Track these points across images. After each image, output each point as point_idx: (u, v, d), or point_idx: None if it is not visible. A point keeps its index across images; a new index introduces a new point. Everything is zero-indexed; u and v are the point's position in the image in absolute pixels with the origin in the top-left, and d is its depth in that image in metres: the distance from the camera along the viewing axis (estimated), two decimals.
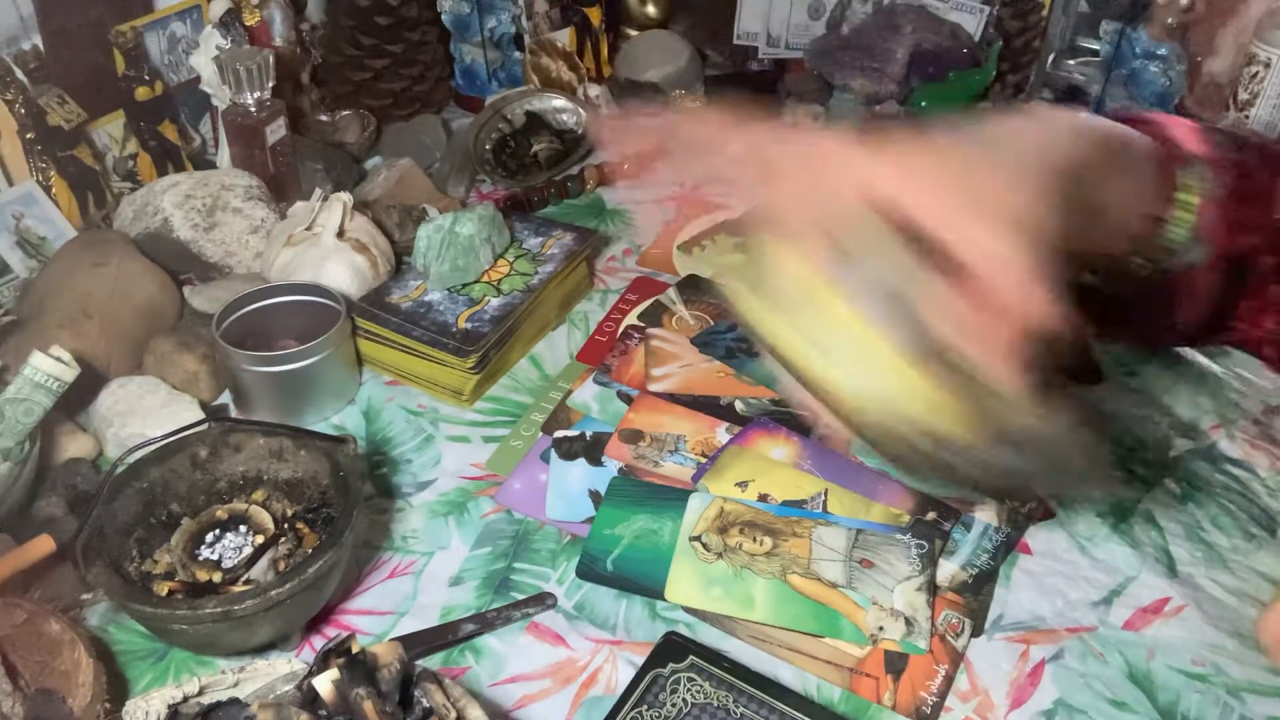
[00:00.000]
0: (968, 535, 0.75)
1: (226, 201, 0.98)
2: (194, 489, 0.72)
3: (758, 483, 0.79)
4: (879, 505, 0.77)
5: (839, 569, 0.72)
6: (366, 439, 0.86)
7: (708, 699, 0.61)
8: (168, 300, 0.93)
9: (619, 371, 0.91)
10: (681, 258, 1.08)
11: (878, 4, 1.39)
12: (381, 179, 1.10)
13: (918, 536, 0.74)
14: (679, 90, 1.37)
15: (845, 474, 0.80)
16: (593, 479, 0.80)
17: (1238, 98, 1.12)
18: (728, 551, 0.73)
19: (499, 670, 0.67)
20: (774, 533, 0.74)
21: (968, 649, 0.68)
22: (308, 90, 1.25)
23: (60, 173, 0.98)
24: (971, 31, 1.33)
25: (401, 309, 0.90)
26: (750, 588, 0.71)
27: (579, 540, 0.76)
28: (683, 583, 0.71)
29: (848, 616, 0.69)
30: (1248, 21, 1.16)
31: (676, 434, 0.83)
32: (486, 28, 1.32)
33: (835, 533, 0.74)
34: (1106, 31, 1.24)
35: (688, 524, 0.75)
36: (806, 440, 0.83)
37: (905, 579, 0.71)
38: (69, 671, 0.61)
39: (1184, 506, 0.78)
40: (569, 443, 0.83)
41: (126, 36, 1.02)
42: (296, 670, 0.58)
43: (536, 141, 1.24)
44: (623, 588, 0.72)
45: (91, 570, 0.63)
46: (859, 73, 1.36)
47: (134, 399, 0.82)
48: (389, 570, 0.74)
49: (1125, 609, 0.71)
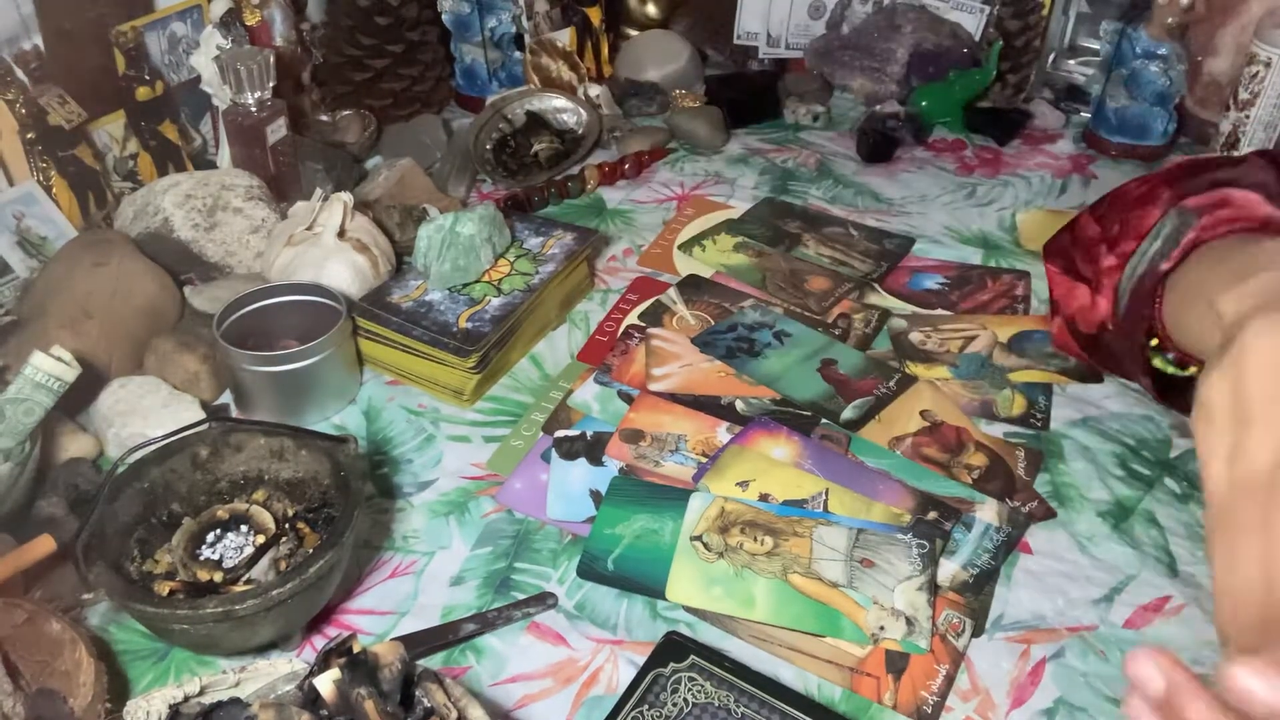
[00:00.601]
0: (969, 535, 0.75)
1: (227, 201, 0.98)
2: (195, 489, 0.72)
3: (758, 482, 0.79)
4: (880, 505, 0.77)
5: (840, 569, 0.72)
6: (367, 439, 0.86)
7: (709, 699, 0.61)
8: (168, 300, 0.93)
9: (620, 371, 0.91)
10: (682, 258, 1.08)
11: (878, 4, 1.39)
12: (382, 179, 1.10)
13: (919, 536, 0.74)
14: (679, 90, 1.37)
15: (846, 474, 0.80)
16: (594, 479, 0.80)
17: (1238, 97, 1.12)
18: (729, 551, 0.73)
19: (500, 670, 0.67)
20: (775, 532, 0.74)
21: (968, 648, 0.68)
22: (308, 90, 1.25)
23: (61, 172, 0.98)
24: (971, 31, 1.33)
25: (402, 309, 0.90)
26: (751, 587, 0.71)
27: (579, 540, 0.76)
28: (684, 582, 0.71)
29: (849, 616, 0.69)
30: (1248, 21, 1.16)
31: (677, 434, 0.83)
32: (487, 28, 1.32)
33: (836, 532, 0.74)
34: (1106, 31, 1.24)
35: (689, 523, 0.75)
36: (807, 440, 0.83)
37: (906, 578, 0.71)
38: (70, 671, 0.61)
39: (1184, 506, 0.78)
40: (569, 442, 0.83)
41: (127, 36, 1.02)
42: (297, 670, 0.58)
43: (537, 141, 1.24)
44: (623, 587, 0.72)
45: (92, 570, 0.63)
46: (859, 72, 1.36)
47: (135, 399, 0.82)
48: (390, 570, 0.74)
49: (1126, 608, 0.71)
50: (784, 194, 1.19)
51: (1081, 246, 0.73)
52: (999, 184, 1.21)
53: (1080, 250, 0.73)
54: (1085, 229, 0.74)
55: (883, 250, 1.08)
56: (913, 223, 1.14)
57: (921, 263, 1.07)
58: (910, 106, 1.30)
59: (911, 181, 1.22)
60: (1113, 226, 0.68)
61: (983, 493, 0.79)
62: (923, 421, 0.85)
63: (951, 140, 1.30)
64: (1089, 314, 0.70)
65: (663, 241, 1.11)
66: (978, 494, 0.79)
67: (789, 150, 1.29)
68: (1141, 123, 1.22)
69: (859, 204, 1.18)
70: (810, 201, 1.18)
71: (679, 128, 1.30)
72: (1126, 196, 0.69)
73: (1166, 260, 0.57)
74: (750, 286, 1.02)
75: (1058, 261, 0.76)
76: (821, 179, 1.23)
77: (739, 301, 0.99)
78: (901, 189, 1.20)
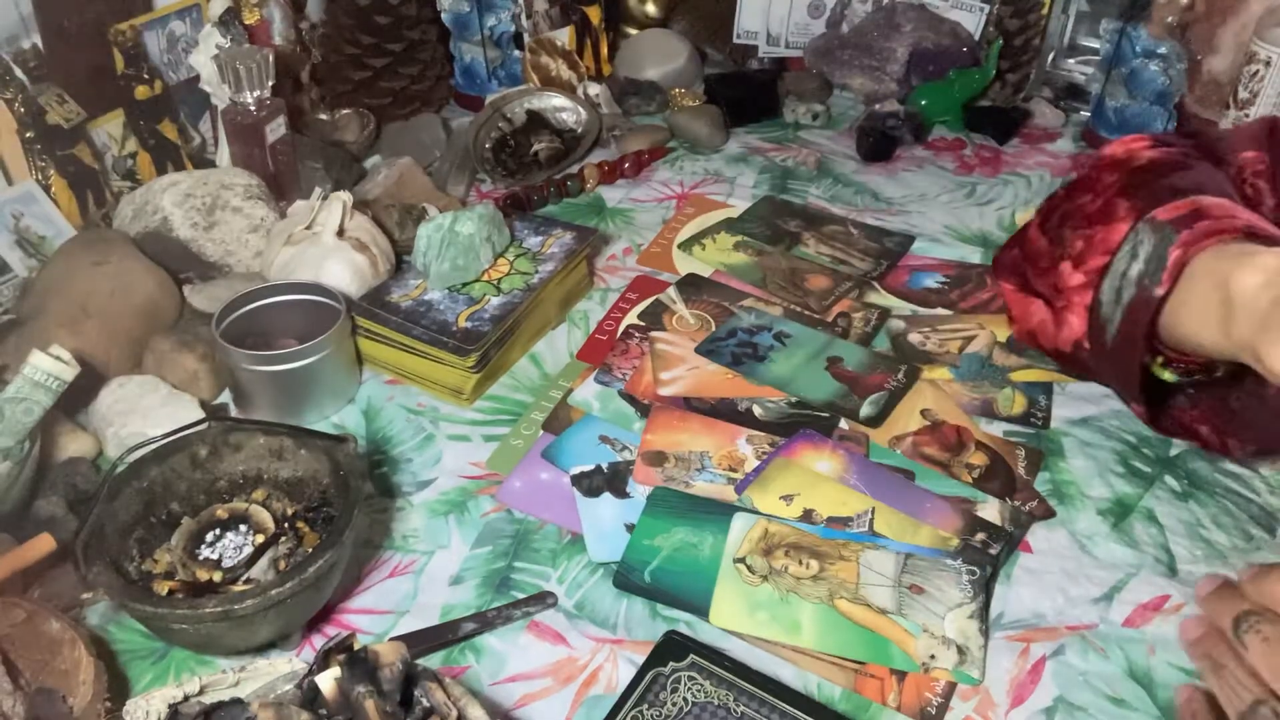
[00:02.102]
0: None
1: (226, 200, 0.98)
2: (194, 488, 0.72)
3: (803, 497, 0.77)
4: (927, 527, 0.75)
5: (888, 594, 0.70)
6: (366, 438, 0.86)
7: (708, 698, 0.61)
8: (167, 299, 0.92)
9: (632, 384, 0.89)
10: (681, 256, 1.08)
11: (878, 3, 1.39)
12: (381, 178, 1.10)
13: (968, 562, 0.72)
14: (678, 89, 1.37)
15: (892, 491, 0.78)
16: (625, 513, 0.77)
17: (1238, 96, 1.12)
18: (773, 574, 0.71)
19: (499, 669, 0.67)
20: (820, 555, 0.73)
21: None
22: (307, 89, 1.25)
23: (60, 172, 0.98)
24: (971, 30, 1.33)
25: (401, 308, 0.90)
26: (797, 613, 0.69)
27: (579, 539, 0.76)
28: (728, 606, 0.70)
29: (898, 644, 0.67)
30: (1248, 20, 1.16)
31: (700, 450, 0.82)
32: (486, 26, 1.32)
33: (883, 557, 0.72)
34: (1106, 30, 1.24)
35: (731, 545, 0.73)
36: (853, 455, 0.81)
37: (957, 606, 0.69)
38: (69, 670, 0.61)
39: (1184, 504, 0.78)
40: (588, 479, 0.80)
41: (126, 35, 1.02)
42: (297, 670, 0.57)
43: (536, 140, 1.24)
44: (661, 601, 0.71)
45: (91, 569, 0.63)
46: (859, 71, 1.36)
47: (134, 398, 0.82)
48: (389, 569, 0.74)
49: (1126, 606, 0.71)
50: (783, 193, 1.19)
51: (1033, 262, 0.73)
52: (998, 183, 1.21)
53: (1033, 266, 0.73)
54: (1034, 243, 0.73)
55: (882, 249, 1.08)
56: (912, 221, 1.14)
57: (921, 261, 1.07)
58: (910, 105, 1.30)
59: (911, 180, 1.22)
60: (1073, 243, 0.67)
61: (983, 492, 0.79)
62: (923, 420, 0.85)
63: (951, 139, 1.30)
64: (1051, 330, 0.70)
65: (662, 240, 1.10)
66: (978, 493, 0.79)
67: (788, 149, 1.29)
68: (1141, 122, 1.22)
69: (858, 203, 1.18)
70: (810, 200, 1.18)
71: (678, 127, 1.30)
72: (1079, 211, 0.68)
73: (1159, 285, 0.57)
74: (750, 285, 1.02)
75: (1012, 279, 0.76)
76: (821, 178, 1.23)
77: (738, 300, 0.99)
78: (901, 188, 1.20)
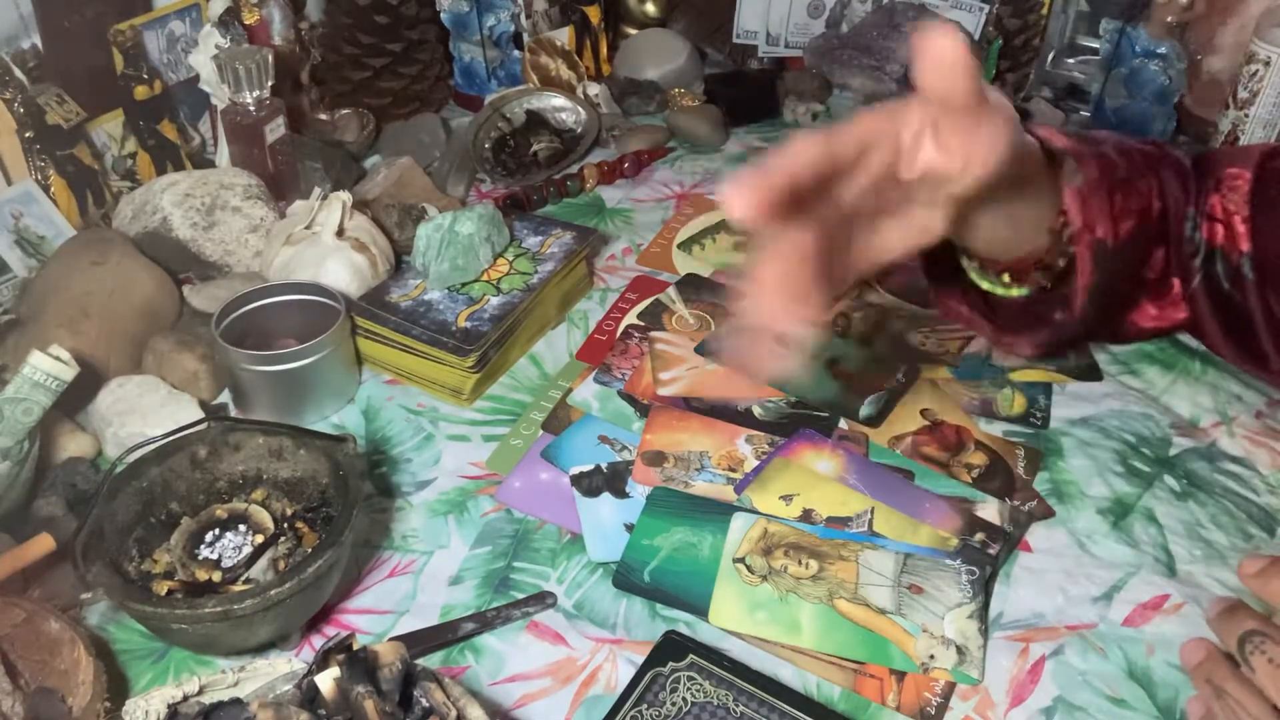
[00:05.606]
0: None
1: (226, 200, 0.98)
2: (193, 488, 0.72)
3: (802, 497, 0.77)
4: (926, 527, 0.75)
5: (888, 594, 0.70)
6: (366, 438, 0.85)
7: (708, 698, 0.61)
8: (167, 299, 0.92)
9: (631, 384, 0.89)
10: (681, 256, 1.08)
11: (877, 2, 1.39)
12: (381, 178, 1.09)
13: (968, 562, 0.72)
14: (678, 89, 1.37)
15: (892, 491, 0.78)
16: (624, 513, 0.77)
17: (1237, 96, 1.12)
18: (773, 574, 0.71)
19: (499, 669, 0.67)
20: (820, 555, 0.73)
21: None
22: (307, 89, 1.25)
23: (59, 172, 0.98)
24: (971, 30, 1.33)
25: (401, 308, 0.90)
26: (796, 613, 0.69)
27: (579, 539, 0.76)
28: (727, 606, 0.70)
29: (897, 644, 0.67)
30: (1248, 20, 1.16)
31: (699, 450, 0.82)
32: (485, 26, 1.32)
33: (883, 557, 0.73)
34: (1106, 30, 1.24)
35: (730, 545, 0.73)
36: (853, 455, 0.81)
37: (956, 606, 0.69)
38: (69, 670, 0.61)
39: (1183, 503, 0.78)
40: (587, 479, 0.80)
41: (125, 35, 1.02)
42: (296, 670, 0.58)
43: (536, 140, 1.24)
44: (661, 601, 0.71)
45: (91, 569, 0.63)
46: (859, 71, 1.36)
47: (133, 398, 0.82)
48: (389, 569, 0.74)
49: (1125, 605, 0.70)
50: None
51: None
52: None
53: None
54: None
55: None
56: None
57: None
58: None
59: None
60: None
61: (983, 491, 0.79)
62: (923, 420, 0.85)
63: None
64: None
65: (662, 240, 1.10)
66: (978, 493, 0.79)
67: None
68: (1141, 122, 1.22)
69: None
70: None
71: (678, 126, 1.30)
72: None
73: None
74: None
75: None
76: None
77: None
78: None
